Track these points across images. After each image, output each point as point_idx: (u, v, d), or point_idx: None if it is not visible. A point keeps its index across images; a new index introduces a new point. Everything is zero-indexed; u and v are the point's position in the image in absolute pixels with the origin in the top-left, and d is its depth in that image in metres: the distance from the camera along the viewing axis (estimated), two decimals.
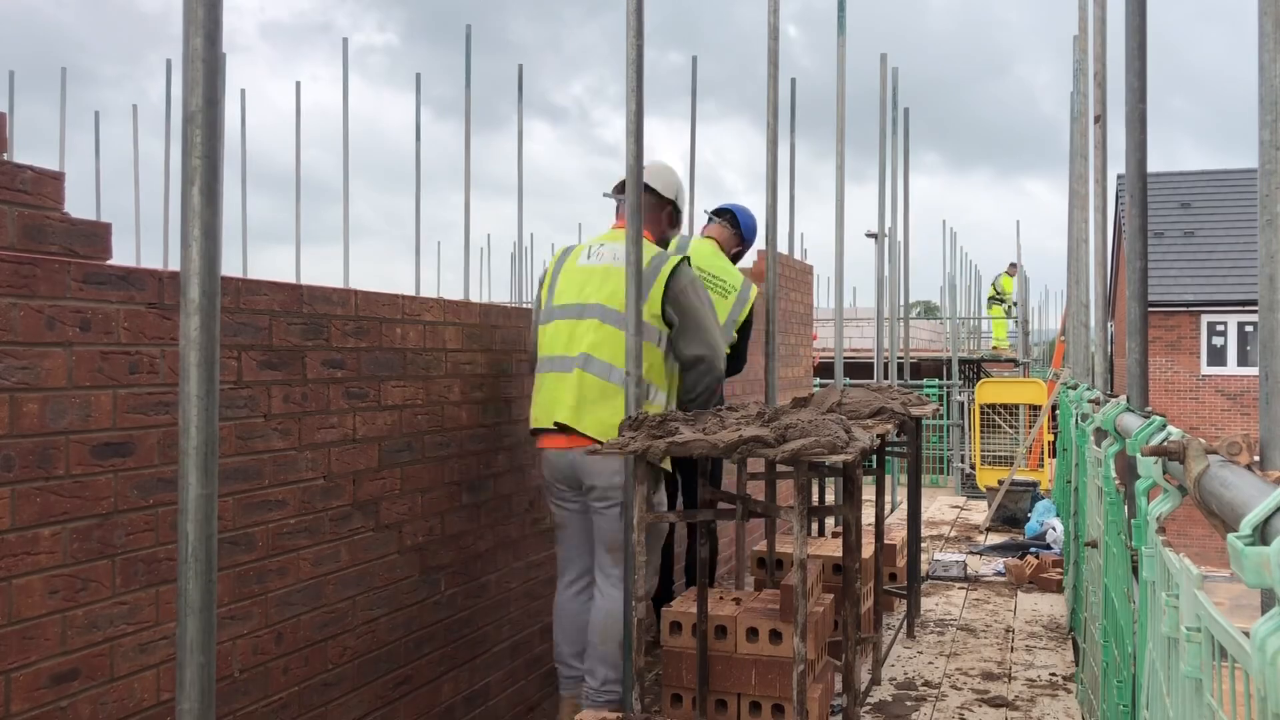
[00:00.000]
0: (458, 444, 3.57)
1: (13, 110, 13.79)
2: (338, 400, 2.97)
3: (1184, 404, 20.95)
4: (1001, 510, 8.74)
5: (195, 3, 1.85)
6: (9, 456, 2.06)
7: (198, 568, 1.92)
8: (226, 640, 2.57)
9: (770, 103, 5.74)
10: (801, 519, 3.03)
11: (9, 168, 2.13)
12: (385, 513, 3.17)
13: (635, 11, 3.42)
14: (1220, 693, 1.10)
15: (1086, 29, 7.06)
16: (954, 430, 16.63)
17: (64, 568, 2.17)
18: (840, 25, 7.74)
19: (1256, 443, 1.51)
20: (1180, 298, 21.17)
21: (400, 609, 3.25)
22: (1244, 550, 0.97)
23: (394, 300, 3.24)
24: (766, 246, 5.60)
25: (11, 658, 2.07)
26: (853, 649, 3.67)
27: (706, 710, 3.53)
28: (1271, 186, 1.56)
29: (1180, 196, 23.64)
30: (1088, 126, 6.77)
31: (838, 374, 8.09)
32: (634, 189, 3.38)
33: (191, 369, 1.89)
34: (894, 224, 11.09)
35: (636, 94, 3.43)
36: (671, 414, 3.36)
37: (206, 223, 1.88)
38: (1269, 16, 1.56)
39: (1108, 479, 2.75)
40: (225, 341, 2.52)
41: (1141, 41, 2.73)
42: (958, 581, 6.47)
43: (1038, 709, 4.10)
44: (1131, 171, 2.79)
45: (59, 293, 2.16)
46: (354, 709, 3.04)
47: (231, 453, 2.58)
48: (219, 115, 1.90)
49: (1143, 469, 1.82)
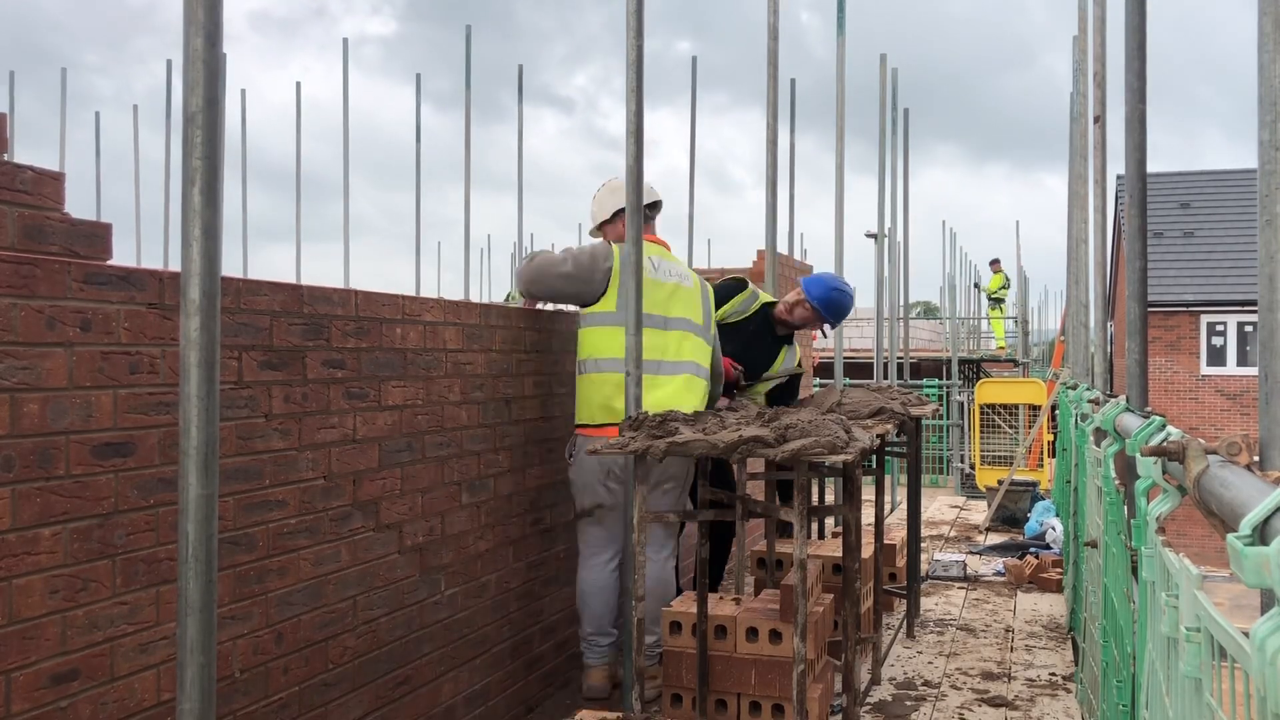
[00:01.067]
0: (458, 444, 3.57)
1: (13, 110, 13.79)
2: (338, 400, 2.97)
3: (1184, 404, 20.95)
4: (1001, 510, 8.74)
5: (195, 3, 1.85)
6: (9, 456, 2.06)
7: (198, 568, 1.92)
8: (227, 640, 2.57)
9: (770, 103, 5.74)
10: (801, 519, 3.03)
11: (9, 168, 2.13)
12: (385, 513, 3.17)
13: (635, 12, 3.42)
14: (1220, 693, 1.10)
15: (1086, 29, 7.06)
16: (954, 430, 16.63)
17: (64, 568, 2.17)
18: (840, 25, 7.74)
19: (1256, 443, 1.51)
20: (1180, 298, 21.17)
21: (400, 609, 3.25)
22: (1244, 550, 0.97)
23: (394, 300, 3.24)
24: (766, 246, 5.60)
25: (12, 658, 2.07)
26: (853, 649, 3.67)
27: (706, 710, 3.53)
28: (1271, 186, 1.56)
29: (1180, 196, 23.64)
30: (1088, 126, 6.78)
31: (838, 374, 8.09)
32: (634, 189, 3.39)
33: (192, 369, 1.89)
34: (894, 224, 11.10)
35: (636, 94, 3.43)
36: (671, 414, 3.36)
37: (207, 223, 1.89)
38: (1269, 16, 1.56)
39: (1107, 479, 2.75)
40: (225, 342, 2.52)
41: (1141, 41, 2.73)
42: (957, 581, 6.47)
43: (1037, 709, 4.10)
44: (1131, 171, 2.79)
45: (59, 293, 2.16)
46: (354, 709, 3.04)
47: (231, 453, 2.58)
48: (219, 116, 1.90)
49: (1142, 469, 1.82)
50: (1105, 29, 6.09)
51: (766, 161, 5.96)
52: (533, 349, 4.06)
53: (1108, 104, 5.79)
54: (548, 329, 4.18)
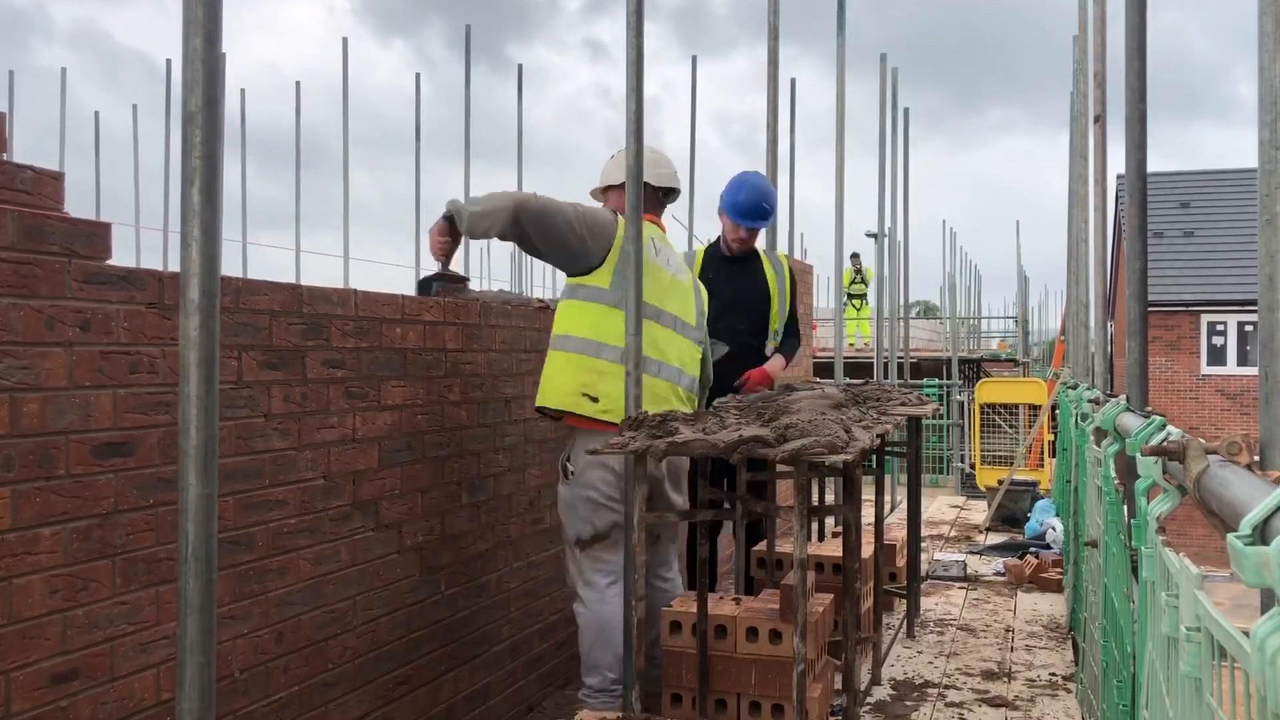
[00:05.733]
0: (458, 444, 3.57)
1: (12, 110, 13.78)
2: (338, 400, 2.97)
3: (1184, 404, 20.95)
4: (1001, 510, 8.74)
5: (195, 3, 1.85)
6: (9, 456, 2.06)
7: (198, 568, 1.92)
8: (226, 640, 2.57)
9: (770, 102, 5.74)
10: (802, 519, 3.02)
11: (9, 168, 2.13)
12: (385, 513, 3.17)
13: (635, 11, 3.42)
14: (1220, 693, 1.10)
15: (1086, 29, 7.06)
16: (954, 430, 16.63)
17: (64, 567, 2.17)
18: (840, 25, 7.74)
19: (1256, 443, 1.51)
20: (1180, 298, 21.16)
21: (400, 609, 3.25)
22: (1244, 550, 0.97)
23: (394, 300, 3.24)
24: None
25: (12, 657, 2.07)
26: (853, 649, 3.67)
27: (706, 710, 3.53)
28: (1271, 186, 1.56)
29: (1180, 196, 23.64)
30: (1088, 126, 6.77)
31: (838, 374, 8.09)
32: (634, 189, 3.38)
33: (191, 369, 1.89)
34: (894, 224, 11.10)
35: (636, 94, 3.42)
36: (671, 414, 3.36)
37: (206, 222, 1.88)
38: (1269, 16, 1.56)
39: (1107, 479, 2.75)
40: (225, 341, 2.51)
41: (1141, 41, 2.73)
42: (958, 581, 6.47)
43: (1038, 709, 4.10)
44: (1131, 171, 2.79)
45: (59, 293, 2.16)
46: (354, 709, 3.04)
47: (231, 453, 2.58)
48: (219, 115, 1.90)
49: (1142, 469, 1.82)
50: (1105, 28, 6.09)
51: (767, 162, 5.96)
52: (532, 349, 4.06)
53: (1109, 104, 5.79)
54: (548, 329, 4.18)
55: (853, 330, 20.86)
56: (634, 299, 3.41)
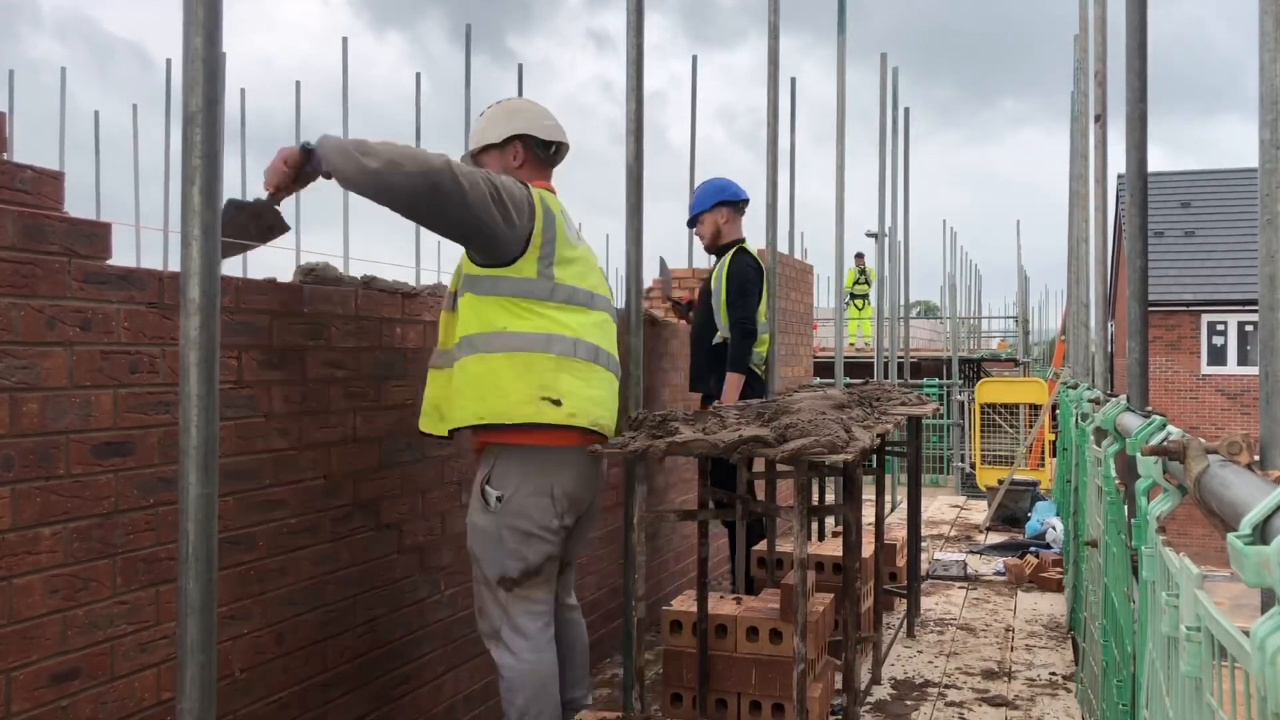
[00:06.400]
0: (457, 443, 3.56)
1: (12, 110, 13.78)
2: (338, 400, 2.97)
3: (1184, 404, 20.95)
4: (1001, 510, 8.74)
5: (195, 3, 1.85)
6: (9, 456, 2.06)
7: (198, 567, 1.92)
8: (226, 640, 2.57)
9: (770, 102, 5.73)
10: (802, 519, 3.02)
11: (9, 167, 2.13)
12: (385, 513, 3.17)
13: (635, 10, 3.42)
14: (1220, 692, 1.10)
15: (1086, 28, 7.06)
16: (954, 430, 16.63)
17: (64, 567, 2.17)
18: (840, 25, 7.73)
19: (1256, 442, 1.51)
20: (1180, 297, 21.17)
21: (400, 609, 3.25)
22: (1244, 550, 0.97)
23: (394, 300, 3.24)
24: (767, 246, 5.60)
25: (12, 657, 2.07)
26: (853, 648, 3.67)
27: (706, 709, 3.53)
28: (1272, 185, 1.56)
29: (1180, 196, 23.64)
30: (1088, 126, 6.77)
31: (838, 374, 8.09)
32: (634, 189, 3.38)
33: (191, 369, 1.89)
34: (894, 224, 11.09)
35: (636, 93, 3.42)
36: (671, 414, 3.36)
37: (206, 222, 1.89)
38: (1269, 16, 1.56)
39: (1108, 478, 2.75)
40: (225, 341, 2.51)
41: (1142, 41, 2.73)
42: (958, 581, 6.47)
43: (1038, 708, 4.10)
44: (1131, 171, 2.79)
45: (59, 292, 2.16)
46: (354, 709, 3.04)
47: (231, 452, 2.58)
48: (219, 115, 1.90)
49: (1143, 468, 1.82)
50: (1105, 28, 6.08)
51: (767, 161, 5.95)
52: None
53: (1110, 104, 5.79)
54: None
55: (854, 330, 20.87)
56: (635, 298, 3.41)
